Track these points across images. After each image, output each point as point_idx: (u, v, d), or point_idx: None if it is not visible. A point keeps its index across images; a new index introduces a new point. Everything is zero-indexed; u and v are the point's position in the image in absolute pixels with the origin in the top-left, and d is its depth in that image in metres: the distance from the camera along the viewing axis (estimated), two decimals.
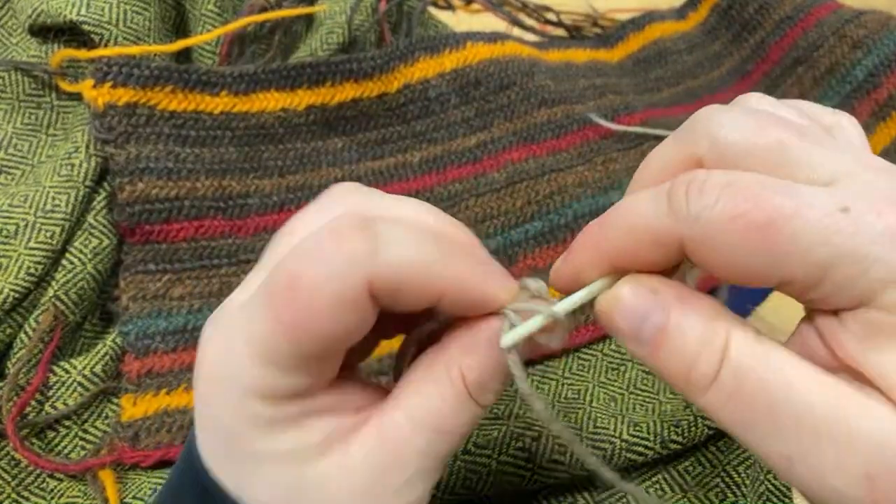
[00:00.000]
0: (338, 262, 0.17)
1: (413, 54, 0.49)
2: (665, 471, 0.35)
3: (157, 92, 0.41)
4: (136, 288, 0.38)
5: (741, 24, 0.59)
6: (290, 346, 0.17)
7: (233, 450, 0.19)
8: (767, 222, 0.15)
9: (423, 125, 0.49)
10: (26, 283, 0.36)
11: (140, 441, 0.34)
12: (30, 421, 0.34)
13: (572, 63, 0.57)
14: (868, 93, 0.50)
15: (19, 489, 0.34)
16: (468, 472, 0.33)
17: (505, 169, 0.47)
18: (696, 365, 0.17)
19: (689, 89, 0.57)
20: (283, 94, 0.45)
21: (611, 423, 0.35)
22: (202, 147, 0.42)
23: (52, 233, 0.37)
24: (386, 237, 0.18)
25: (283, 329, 0.17)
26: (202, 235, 0.41)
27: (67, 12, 0.41)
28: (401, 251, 0.18)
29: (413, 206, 0.21)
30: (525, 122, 0.49)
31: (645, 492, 0.34)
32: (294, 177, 0.44)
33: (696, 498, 0.34)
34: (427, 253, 0.18)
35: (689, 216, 0.16)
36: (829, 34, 0.52)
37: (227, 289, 0.40)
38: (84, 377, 0.35)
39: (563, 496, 0.34)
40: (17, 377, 0.34)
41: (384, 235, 0.18)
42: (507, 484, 0.33)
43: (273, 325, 0.17)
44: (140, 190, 0.39)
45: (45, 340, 0.35)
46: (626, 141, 0.50)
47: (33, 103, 0.44)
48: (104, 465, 0.33)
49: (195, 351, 0.20)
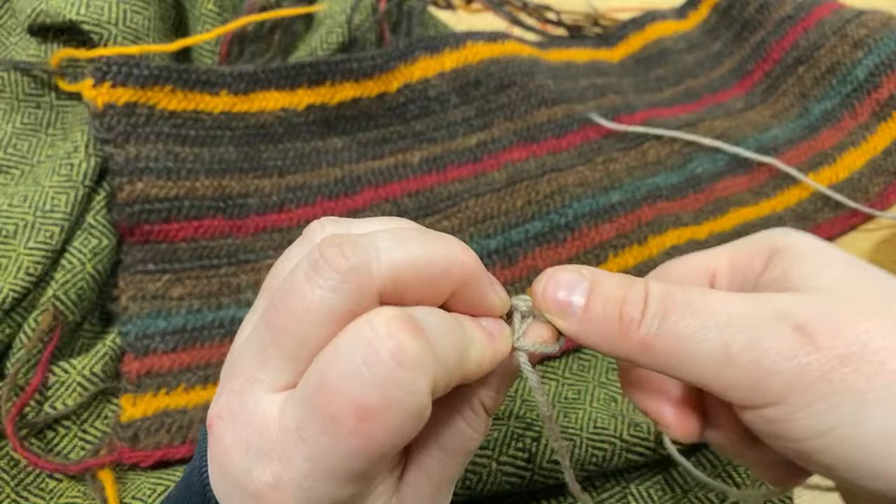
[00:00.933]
0: (405, 381, 0.17)
1: (413, 54, 0.49)
2: (665, 471, 0.35)
3: (157, 91, 0.41)
4: (136, 288, 0.38)
5: (742, 23, 0.59)
6: (367, 464, 0.17)
7: None
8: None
9: (424, 125, 0.49)
10: (25, 283, 0.36)
11: (139, 441, 0.34)
12: (29, 421, 0.34)
13: (573, 63, 0.57)
14: (869, 92, 0.50)
15: (18, 489, 0.34)
16: (468, 472, 0.33)
17: (505, 169, 0.47)
18: (623, 313, 0.19)
19: (690, 89, 0.57)
20: (283, 94, 0.45)
21: (611, 423, 0.35)
22: (202, 147, 0.42)
23: (51, 233, 0.37)
24: (427, 326, 0.18)
25: (358, 452, 0.17)
26: (201, 235, 0.40)
27: (67, 12, 0.41)
28: (411, 258, 0.18)
29: (387, 221, 0.21)
30: (525, 121, 0.49)
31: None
32: (294, 176, 0.44)
33: (696, 498, 0.34)
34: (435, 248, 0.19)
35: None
36: (830, 34, 0.52)
37: (227, 288, 0.40)
38: (83, 377, 0.35)
39: (562, 496, 0.34)
40: (16, 377, 0.34)
41: (432, 331, 0.18)
42: (507, 484, 0.33)
43: (345, 451, 0.17)
44: (139, 190, 0.39)
45: (45, 340, 0.35)
46: (627, 141, 0.50)
47: (33, 103, 0.44)
48: (103, 465, 0.33)
49: (194, 351, 0.20)
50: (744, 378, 0.18)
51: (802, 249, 0.20)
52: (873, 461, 0.17)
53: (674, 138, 0.50)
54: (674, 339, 0.19)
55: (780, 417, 0.18)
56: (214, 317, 0.38)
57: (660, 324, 0.19)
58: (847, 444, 0.17)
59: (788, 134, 0.52)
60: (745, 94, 0.56)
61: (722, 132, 0.51)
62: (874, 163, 0.48)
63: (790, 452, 0.19)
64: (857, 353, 0.17)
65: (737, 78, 0.57)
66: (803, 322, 0.18)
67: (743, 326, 0.18)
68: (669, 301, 0.19)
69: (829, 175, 0.49)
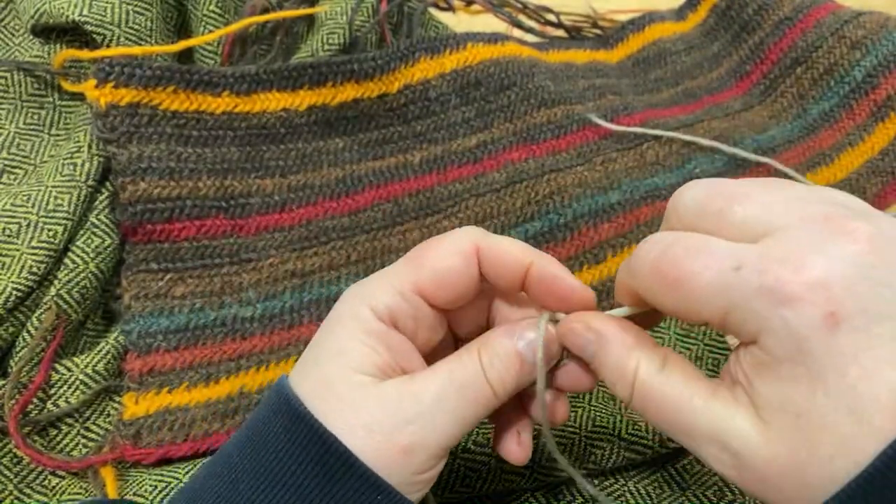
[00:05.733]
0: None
1: (413, 55, 0.49)
2: (663, 469, 0.35)
3: (160, 92, 0.41)
4: (138, 287, 0.38)
5: (740, 24, 0.59)
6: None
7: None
8: (676, 280, 0.21)
9: (424, 125, 0.49)
10: (29, 282, 0.36)
11: (142, 439, 0.34)
12: (32, 419, 0.34)
13: (572, 64, 0.57)
14: (867, 93, 0.50)
15: (21, 486, 0.34)
16: (468, 470, 0.33)
17: (505, 169, 0.47)
18: (615, 388, 0.23)
19: (689, 90, 0.57)
20: (285, 95, 0.45)
21: (610, 421, 0.35)
22: (204, 147, 0.42)
23: (54, 232, 0.37)
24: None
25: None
26: (204, 235, 0.41)
27: (70, 13, 0.41)
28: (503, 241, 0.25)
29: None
30: (525, 122, 0.49)
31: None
32: (295, 176, 0.45)
33: (694, 496, 0.34)
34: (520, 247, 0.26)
35: (634, 272, 0.23)
36: (827, 35, 0.53)
37: (229, 288, 0.40)
38: (86, 375, 0.36)
39: (561, 495, 0.34)
40: (19, 375, 0.35)
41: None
42: (507, 482, 0.33)
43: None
44: (142, 189, 0.39)
45: (48, 339, 0.36)
46: (626, 141, 0.50)
47: (36, 103, 0.44)
48: (106, 462, 0.33)
49: (197, 349, 0.20)
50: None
51: (777, 358, 0.20)
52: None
53: (672, 139, 0.51)
54: (652, 424, 0.24)
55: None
56: (216, 316, 0.38)
57: (642, 411, 0.23)
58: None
59: (786, 134, 0.52)
60: (744, 95, 0.57)
61: (720, 133, 0.52)
62: (872, 163, 0.49)
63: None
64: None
65: (735, 79, 0.58)
66: (739, 465, 0.20)
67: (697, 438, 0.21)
68: (647, 401, 0.22)
69: (826, 175, 0.49)
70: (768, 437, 0.20)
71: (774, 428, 0.20)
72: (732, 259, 0.20)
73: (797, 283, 0.19)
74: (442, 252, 0.25)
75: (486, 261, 0.25)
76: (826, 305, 0.18)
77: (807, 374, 0.19)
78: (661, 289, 0.22)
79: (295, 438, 0.23)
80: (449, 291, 0.25)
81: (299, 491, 0.23)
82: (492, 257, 0.25)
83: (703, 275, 0.20)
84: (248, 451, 0.24)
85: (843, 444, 0.18)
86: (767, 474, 0.20)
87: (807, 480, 0.19)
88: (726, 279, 0.20)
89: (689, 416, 0.21)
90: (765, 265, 0.19)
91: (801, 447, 0.19)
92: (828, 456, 0.19)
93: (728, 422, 0.20)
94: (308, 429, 0.23)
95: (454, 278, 0.25)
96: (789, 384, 0.19)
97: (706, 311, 0.21)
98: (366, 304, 0.25)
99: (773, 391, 0.20)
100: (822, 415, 0.19)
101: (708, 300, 0.20)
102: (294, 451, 0.23)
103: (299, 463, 0.23)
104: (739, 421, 0.20)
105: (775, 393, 0.20)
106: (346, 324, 0.25)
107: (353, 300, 0.25)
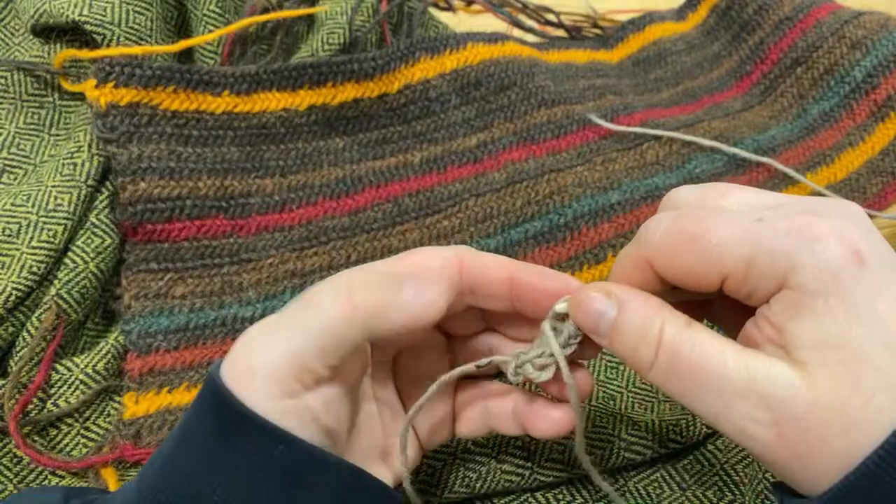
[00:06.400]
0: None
1: (414, 55, 0.49)
2: (664, 469, 0.35)
3: (160, 92, 0.41)
4: (138, 287, 0.38)
5: (740, 24, 0.59)
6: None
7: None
8: (701, 232, 0.21)
9: (424, 125, 0.49)
10: (29, 282, 0.36)
11: (142, 439, 0.34)
12: (32, 418, 0.34)
13: (572, 64, 0.57)
14: (867, 93, 0.50)
15: (21, 486, 0.34)
16: (467, 470, 0.33)
17: (505, 169, 0.47)
18: (636, 354, 0.22)
19: (689, 90, 0.57)
20: (285, 95, 0.45)
21: (609, 421, 0.35)
22: (204, 147, 0.42)
23: (54, 232, 0.37)
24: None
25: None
26: (204, 235, 0.41)
27: (70, 12, 0.41)
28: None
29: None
30: (525, 122, 0.49)
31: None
32: (295, 176, 0.45)
33: (694, 496, 0.34)
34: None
35: (647, 240, 0.23)
36: (827, 35, 0.53)
37: (229, 287, 0.40)
38: (86, 375, 0.36)
39: (561, 495, 0.34)
40: (19, 375, 0.35)
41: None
42: (507, 483, 0.33)
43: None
44: (142, 189, 0.39)
45: (48, 339, 0.36)
46: (626, 141, 0.50)
47: (36, 103, 0.44)
48: (106, 462, 0.33)
49: (197, 349, 0.20)
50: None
51: (811, 292, 0.20)
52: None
53: (672, 139, 0.51)
54: (675, 392, 0.22)
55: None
56: (216, 315, 0.38)
57: (667, 372, 0.22)
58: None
59: (786, 134, 0.52)
60: (744, 95, 0.57)
61: (720, 133, 0.52)
62: (872, 163, 0.49)
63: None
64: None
65: (735, 79, 0.58)
66: (778, 418, 0.20)
67: (727, 400, 0.21)
68: (675, 358, 0.22)
69: (826, 175, 0.49)
70: (810, 378, 0.20)
71: (815, 366, 0.20)
72: (753, 213, 0.21)
73: (822, 226, 0.20)
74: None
75: (472, 288, 0.26)
76: (851, 245, 0.20)
77: (841, 305, 0.19)
78: (678, 246, 0.22)
79: (202, 399, 0.24)
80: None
81: (201, 448, 0.23)
82: (475, 281, 0.26)
83: (727, 226, 0.21)
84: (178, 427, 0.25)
85: (882, 377, 0.19)
86: (810, 423, 0.19)
87: (851, 420, 0.19)
88: (751, 228, 0.21)
89: (721, 371, 0.21)
90: (788, 213, 0.21)
91: (844, 381, 0.19)
92: (870, 389, 0.19)
93: (765, 370, 0.20)
94: (210, 384, 0.24)
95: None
96: (826, 318, 0.20)
97: (729, 261, 0.21)
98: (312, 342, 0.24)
99: (811, 328, 0.20)
100: (860, 346, 0.19)
101: (732, 248, 0.21)
102: (199, 411, 0.24)
103: (200, 418, 0.24)
104: (778, 367, 0.20)
105: (813, 330, 0.20)
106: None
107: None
